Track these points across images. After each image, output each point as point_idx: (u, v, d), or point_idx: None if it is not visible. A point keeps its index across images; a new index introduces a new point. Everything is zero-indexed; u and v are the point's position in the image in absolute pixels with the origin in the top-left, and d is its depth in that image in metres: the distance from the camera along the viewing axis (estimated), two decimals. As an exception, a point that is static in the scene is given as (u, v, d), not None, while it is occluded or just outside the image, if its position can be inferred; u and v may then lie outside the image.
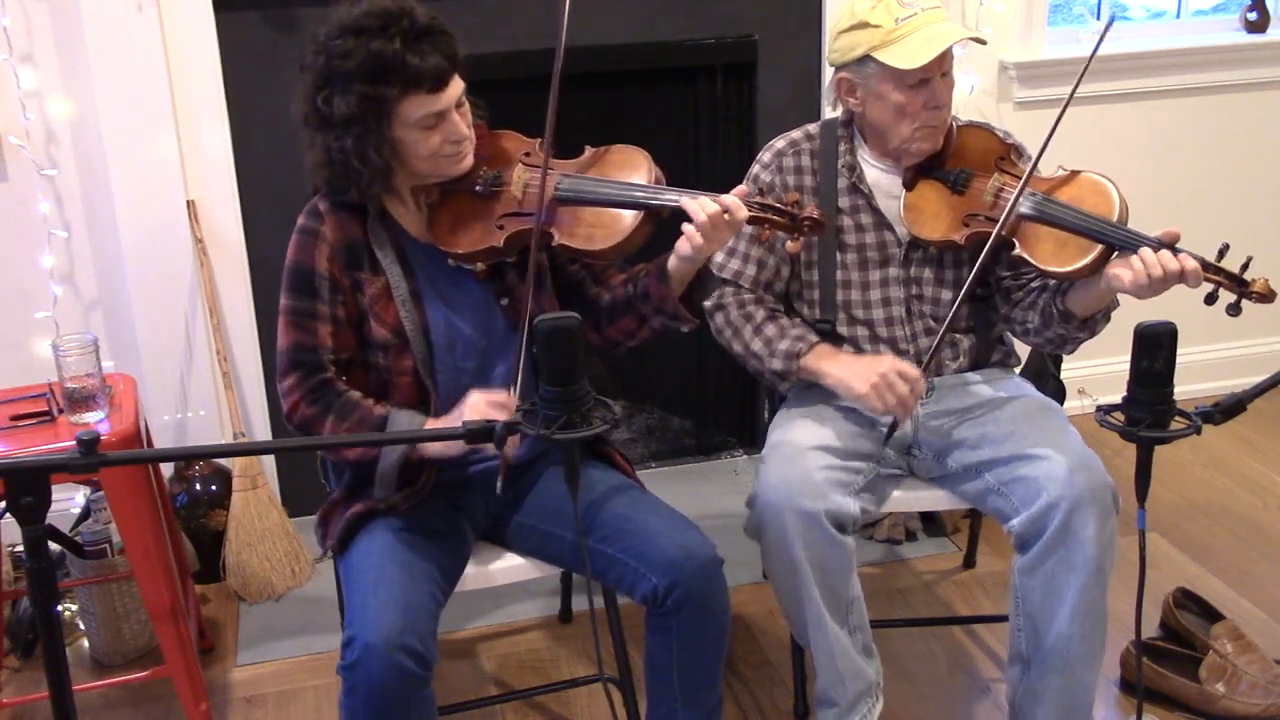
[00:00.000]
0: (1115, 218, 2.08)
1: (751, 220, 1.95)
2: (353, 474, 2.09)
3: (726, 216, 1.91)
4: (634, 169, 2.02)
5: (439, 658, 1.87)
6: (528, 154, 2.06)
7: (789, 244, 2.01)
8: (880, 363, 2.15)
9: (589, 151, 2.07)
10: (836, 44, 2.22)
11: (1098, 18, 3.69)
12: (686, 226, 1.93)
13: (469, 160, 2.01)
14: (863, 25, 2.15)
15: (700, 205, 1.91)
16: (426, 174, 2.01)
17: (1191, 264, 1.99)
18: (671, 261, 1.99)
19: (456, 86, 1.93)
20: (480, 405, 1.89)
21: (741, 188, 1.98)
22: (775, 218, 1.97)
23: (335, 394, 1.98)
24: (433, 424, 1.96)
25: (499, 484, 1.99)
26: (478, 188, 2.03)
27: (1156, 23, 3.82)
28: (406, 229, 2.05)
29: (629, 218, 1.98)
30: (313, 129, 1.95)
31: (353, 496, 2.07)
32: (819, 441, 2.17)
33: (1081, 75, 2.08)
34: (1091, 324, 2.18)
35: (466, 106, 1.98)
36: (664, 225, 2.02)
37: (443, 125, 1.94)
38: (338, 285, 1.99)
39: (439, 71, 1.89)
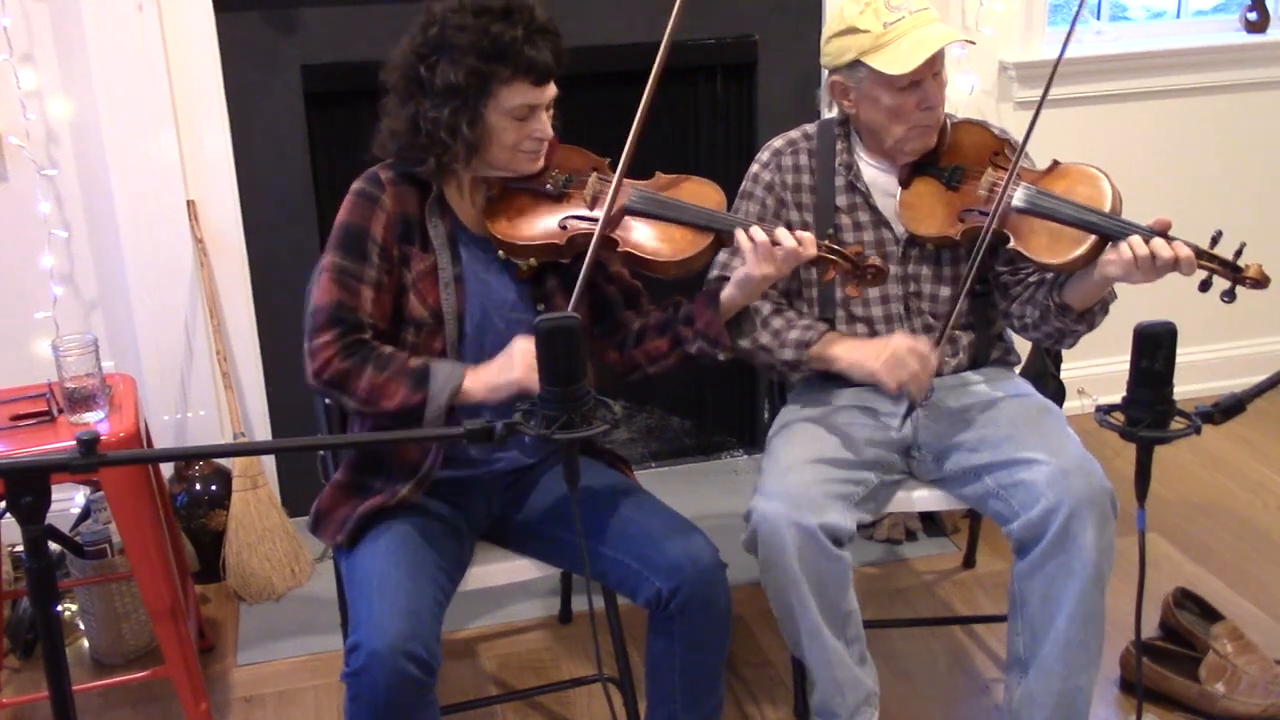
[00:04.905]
0: (1108, 208, 2.08)
1: (818, 260, 2.02)
2: (358, 459, 2.09)
3: (798, 249, 1.97)
4: (707, 199, 2.09)
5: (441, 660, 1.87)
6: (596, 167, 2.11)
7: (849, 288, 2.08)
8: (891, 340, 2.15)
9: (660, 176, 2.13)
10: (827, 48, 2.22)
11: (1098, 18, 3.69)
12: (748, 250, 1.98)
13: (541, 162, 2.06)
14: (851, 30, 2.15)
15: (778, 234, 1.97)
16: (501, 166, 2.03)
17: (1185, 251, 1.99)
18: (727, 290, 2.04)
19: (553, 89, 1.99)
20: (528, 354, 1.91)
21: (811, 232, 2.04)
22: (841, 261, 2.04)
23: (371, 348, 1.98)
24: (473, 372, 1.97)
25: None
26: (548, 187, 2.08)
27: (1156, 23, 3.82)
28: (460, 217, 2.07)
29: (699, 237, 2.04)
30: (403, 96, 1.98)
31: (358, 487, 2.06)
32: (819, 454, 2.16)
33: (1060, 57, 2.08)
34: (1089, 316, 2.18)
35: (553, 112, 2.04)
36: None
37: (531, 120, 1.98)
38: (388, 254, 2.00)
39: (547, 67, 1.95)
